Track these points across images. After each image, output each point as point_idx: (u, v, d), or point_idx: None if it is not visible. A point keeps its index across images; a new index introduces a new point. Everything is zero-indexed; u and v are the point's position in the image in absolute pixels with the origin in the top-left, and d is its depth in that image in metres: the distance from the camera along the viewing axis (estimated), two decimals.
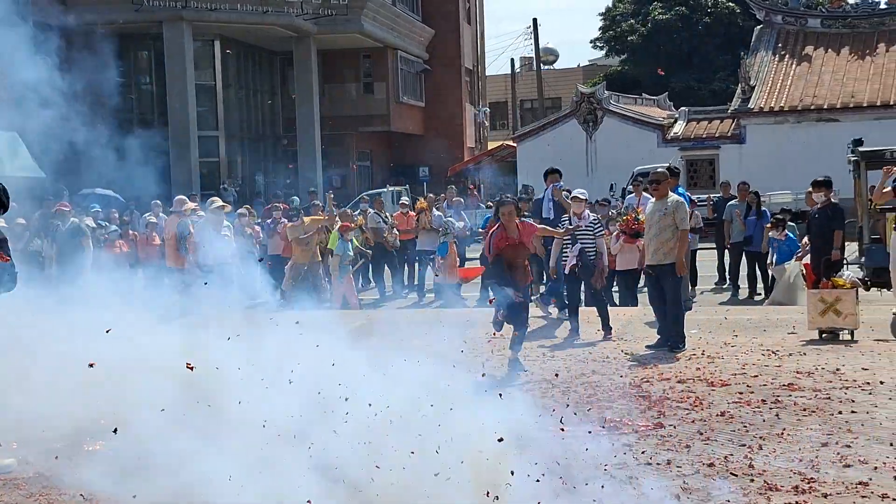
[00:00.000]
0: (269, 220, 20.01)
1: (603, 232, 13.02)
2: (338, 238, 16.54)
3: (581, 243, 12.50)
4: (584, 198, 12.84)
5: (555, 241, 12.87)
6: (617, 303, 15.34)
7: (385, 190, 36.19)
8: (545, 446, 6.77)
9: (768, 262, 16.76)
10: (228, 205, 15.81)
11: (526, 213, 13.64)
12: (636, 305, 15.12)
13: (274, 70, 43.70)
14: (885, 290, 13.20)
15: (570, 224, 12.56)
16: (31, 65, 12.07)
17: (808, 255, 13.60)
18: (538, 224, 11.90)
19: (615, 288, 15.83)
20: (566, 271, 12.61)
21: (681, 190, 13.87)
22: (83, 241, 15.23)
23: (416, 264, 19.62)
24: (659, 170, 12.02)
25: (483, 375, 8.96)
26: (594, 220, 12.86)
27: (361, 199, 23.34)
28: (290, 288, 16.41)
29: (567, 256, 12.58)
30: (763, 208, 17.87)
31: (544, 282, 15.80)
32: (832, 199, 13.07)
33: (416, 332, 11.82)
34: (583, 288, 13.10)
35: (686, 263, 12.22)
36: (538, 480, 5.82)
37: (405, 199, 22.10)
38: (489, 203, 22.73)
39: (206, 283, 13.54)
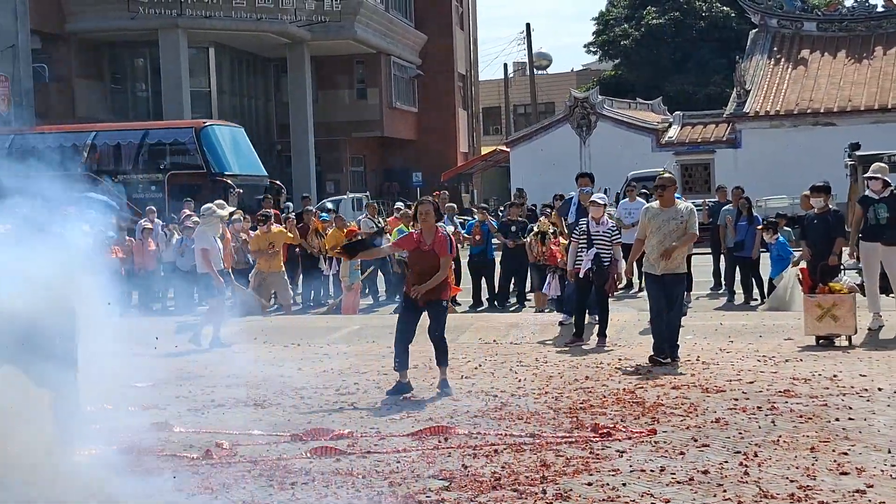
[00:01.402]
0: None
1: (619, 238, 12.92)
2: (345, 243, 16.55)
3: (597, 248, 12.44)
4: (602, 203, 12.78)
5: (571, 245, 12.83)
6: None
7: (345, 197, 36.58)
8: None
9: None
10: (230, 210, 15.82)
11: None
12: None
13: (268, 76, 43.74)
14: (883, 295, 13.13)
15: (587, 229, 12.50)
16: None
17: (804, 261, 13.50)
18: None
19: None
20: (580, 275, 12.55)
21: (677, 196, 13.81)
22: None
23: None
24: (666, 174, 11.78)
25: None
26: (612, 226, 12.80)
27: (323, 208, 23.48)
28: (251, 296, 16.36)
29: (581, 260, 12.53)
30: (755, 214, 17.81)
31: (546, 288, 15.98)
32: (830, 205, 12.98)
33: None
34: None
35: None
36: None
37: (400, 205, 22.05)
38: (479, 206, 22.68)
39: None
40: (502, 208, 28.20)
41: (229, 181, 26.76)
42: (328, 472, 6.95)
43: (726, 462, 6.93)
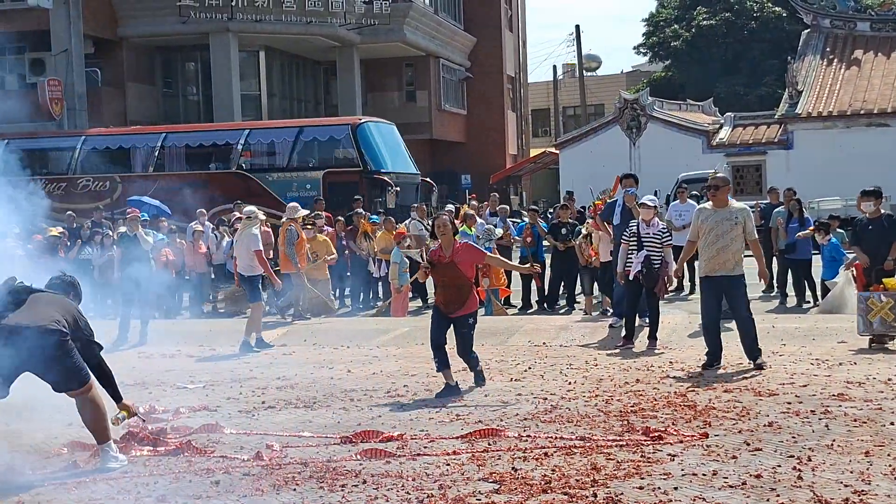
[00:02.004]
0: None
1: (670, 241, 12.81)
2: (394, 246, 16.63)
3: (647, 250, 12.37)
4: (653, 205, 12.69)
5: (621, 247, 12.78)
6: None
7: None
8: None
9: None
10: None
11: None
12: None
13: (318, 79, 43.98)
14: None
15: (637, 231, 12.44)
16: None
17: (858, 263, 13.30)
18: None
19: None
20: (630, 277, 12.49)
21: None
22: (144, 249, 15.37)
23: None
24: (718, 174, 11.58)
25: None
26: (662, 227, 12.71)
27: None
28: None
29: (632, 262, 12.47)
30: (806, 215, 17.60)
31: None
32: (882, 210, 12.78)
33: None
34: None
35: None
36: None
37: (450, 207, 22.04)
38: (529, 208, 22.58)
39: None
40: (551, 210, 28.13)
41: (386, 179, 26.45)
42: (378, 475, 6.97)
43: (779, 466, 6.85)
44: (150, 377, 11.71)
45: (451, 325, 10.10)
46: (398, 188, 26.29)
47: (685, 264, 18.95)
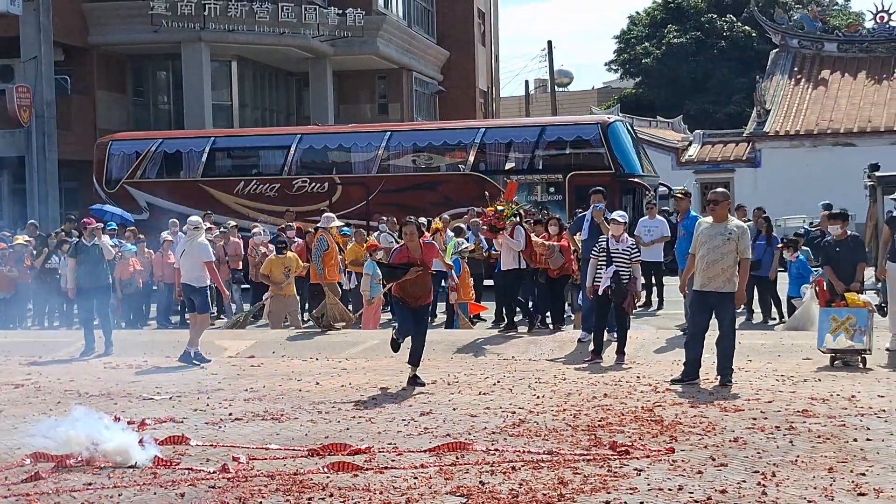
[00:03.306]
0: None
1: (639, 256, 12.90)
2: (367, 257, 16.62)
3: (616, 266, 12.43)
4: (622, 221, 12.76)
5: (590, 262, 12.84)
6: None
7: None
8: None
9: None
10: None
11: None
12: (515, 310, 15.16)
13: (290, 90, 43.87)
14: None
15: (607, 246, 12.49)
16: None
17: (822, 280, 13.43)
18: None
19: None
20: (599, 292, 12.54)
21: (693, 213, 13.81)
22: (107, 258, 15.23)
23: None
24: (718, 189, 11.45)
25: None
26: (632, 244, 12.79)
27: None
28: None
29: (601, 278, 12.52)
30: (774, 234, 17.74)
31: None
32: (847, 231, 12.91)
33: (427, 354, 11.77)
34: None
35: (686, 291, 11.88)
36: None
37: (423, 220, 21.98)
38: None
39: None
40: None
41: (642, 182, 24.82)
42: (345, 488, 6.96)
43: (744, 482, 6.90)
44: (116, 388, 11.63)
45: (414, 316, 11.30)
46: (652, 192, 24.59)
47: (655, 279, 19.17)
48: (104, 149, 28.04)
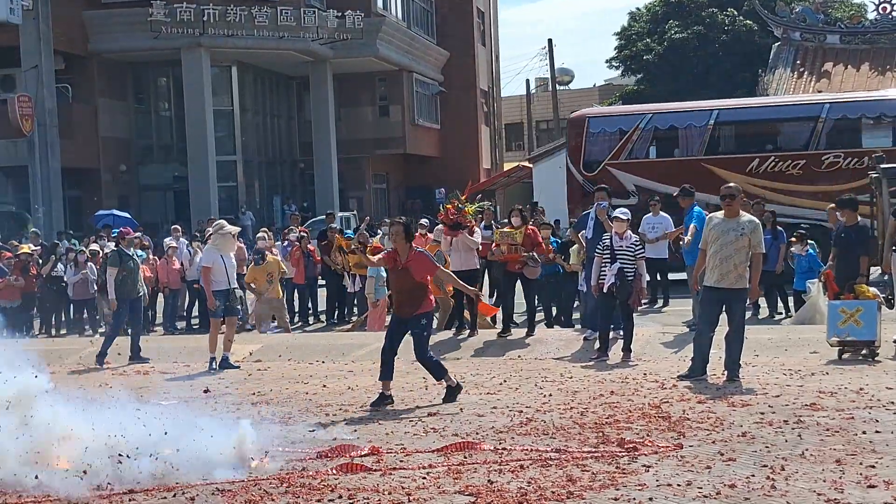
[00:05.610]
0: (284, 244, 20.04)
1: (643, 253, 12.87)
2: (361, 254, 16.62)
3: (620, 263, 12.43)
4: (625, 218, 12.73)
5: (595, 260, 12.82)
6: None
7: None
8: None
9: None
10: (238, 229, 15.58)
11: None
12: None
13: (290, 94, 43.90)
14: None
15: (611, 244, 12.48)
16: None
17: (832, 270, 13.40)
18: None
19: None
20: (604, 290, 12.54)
21: (697, 209, 13.78)
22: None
23: None
24: (731, 184, 11.38)
25: None
26: (636, 241, 12.77)
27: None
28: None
29: (605, 275, 12.52)
30: (779, 228, 17.70)
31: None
32: (858, 220, 12.87)
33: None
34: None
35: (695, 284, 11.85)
36: None
37: (424, 221, 21.97)
38: (543, 222, 20.87)
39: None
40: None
41: None
42: (354, 489, 6.97)
43: (753, 476, 6.90)
44: (125, 393, 11.62)
45: (407, 330, 10.40)
46: None
47: (658, 276, 19.14)
48: (581, 125, 23.29)
